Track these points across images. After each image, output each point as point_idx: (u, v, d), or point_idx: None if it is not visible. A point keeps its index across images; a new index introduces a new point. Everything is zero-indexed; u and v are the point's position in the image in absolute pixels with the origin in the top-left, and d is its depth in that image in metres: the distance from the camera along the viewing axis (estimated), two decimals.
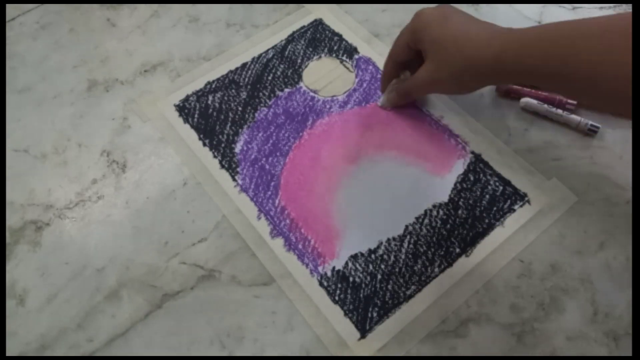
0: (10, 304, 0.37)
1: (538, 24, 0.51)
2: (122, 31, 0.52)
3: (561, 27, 0.33)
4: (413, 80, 0.41)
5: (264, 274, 0.38)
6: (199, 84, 0.47)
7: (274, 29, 0.51)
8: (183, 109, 0.46)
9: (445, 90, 0.42)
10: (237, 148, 0.44)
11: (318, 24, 0.51)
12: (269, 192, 0.41)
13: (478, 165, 0.42)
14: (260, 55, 0.49)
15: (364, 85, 0.47)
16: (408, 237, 0.39)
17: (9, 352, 0.35)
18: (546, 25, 0.34)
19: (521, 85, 0.44)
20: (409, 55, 0.41)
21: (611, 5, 0.52)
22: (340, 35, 0.50)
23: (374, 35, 0.50)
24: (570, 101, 0.44)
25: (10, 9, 0.53)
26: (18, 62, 0.50)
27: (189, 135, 0.45)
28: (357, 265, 0.38)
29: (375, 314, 0.36)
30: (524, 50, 0.34)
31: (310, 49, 0.50)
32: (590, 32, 0.31)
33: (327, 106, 0.46)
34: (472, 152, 0.43)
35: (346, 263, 0.38)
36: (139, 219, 0.41)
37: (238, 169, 0.43)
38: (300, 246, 0.39)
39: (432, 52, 0.38)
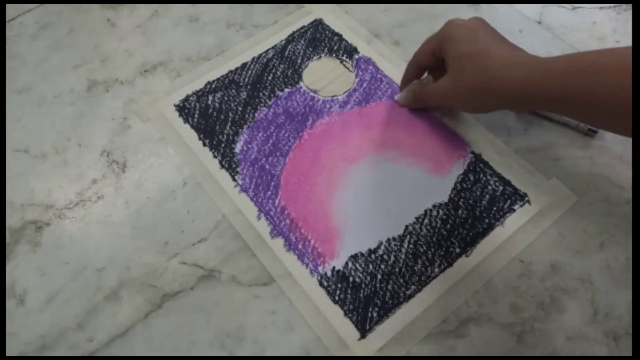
0: (10, 304, 0.37)
1: (538, 24, 0.51)
2: (122, 31, 0.52)
3: (588, 57, 0.32)
4: (431, 88, 0.41)
5: (264, 274, 0.38)
6: (199, 84, 0.47)
7: (274, 29, 0.51)
8: (183, 109, 0.46)
9: (458, 106, 0.42)
10: (237, 148, 0.44)
11: (318, 24, 0.51)
12: (269, 192, 0.41)
13: (478, 165, 0.42)
14: (260, 55, 0.49)
15: (364, 85, 0.47)
16: (408, 237, 0.39)
17: (9, 352, 0.35)
18: (573, 56, 0.33)
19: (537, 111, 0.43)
20: (433, 62, 0.41)
21: (611, 5, 0.52)
22: (340, 35, 0.50)
23: (374, 35, 0.50)
24: None
25: (10, 9, 0.53)
26: (18, 62, 0.50)
27: (189, 135, 0.45)
28: (357, 265, 0.38)
29: (375, 314, 0.36)
30: (549, 80, 0.33)
31: (310, 49, 0.50)
32: (615, 63, 0.31)
33: (327, 106, 0.46)
34: (472, 152, 0.43)
35: (346, 263, 0.38)
36: (139, 219, 0.41)
37: (238, 169, 0.43)
38: (300, 246, 0.39)
39: (453, 66, 0.38)
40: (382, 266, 0.38)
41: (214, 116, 0.45)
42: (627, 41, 0.49)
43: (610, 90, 0.31)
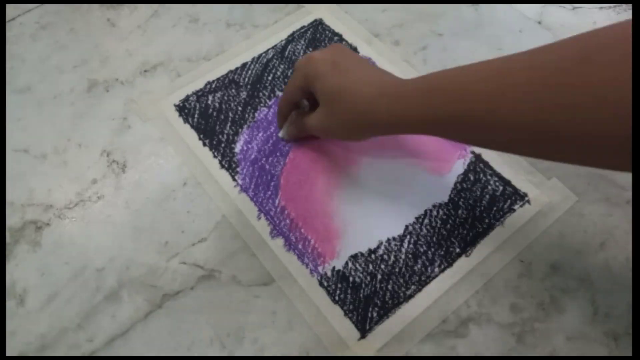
0: (10, 304, 0.37)
1: (538, 24, 0.51)
2: (122, 31, 0.52)
3: (450, 75, 0.32)
4: (308, 121, 0.40)
5: (264, 274, 0.38)
6: (199, 84, 0.47)
7: (274, 29, 0.51)
8: (183, 109, 0.46)
9: (337, 137, 0.40)
10: (237, 148, 0.44)
11: (318, 24, 0.51)
12: (269, 192, 0.41)
13: (478, 165, 0.42)
14: (260, 55, 0.49)
15: None
16: (408, 237, 0.39)
17: (9, 352, 0.35)
18: (436, 75, 0.32)
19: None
20: (303, 96, 0.40)
21: (611, 5, 0.52)
22: (340, 35, 0.50)
23: (374, 35, 0.50)
24: None
25: (10, 9, 0.53)
26: (18, 62, 0.50)
27: (189, 135, 0.45)
28: (357, 265, 0.38)
29: (375, 314, 0.36)
30: (409, 106, 0.33)
31: (311, 49, 0.49)
32: (481, 77, 0.30)
33: None
34: (472, 152, 0.43)
35: (346, 263, 0.38)
36: (139, 219, 0.41)
37: (238, 169, 0.43)
38: (300, 246, 0.39)
39: (324, 101, 0.37)
40: (382, 266, 0.38)
41: (214, 116, 0.46)
42: None
43: (484, 106, 0.29)
